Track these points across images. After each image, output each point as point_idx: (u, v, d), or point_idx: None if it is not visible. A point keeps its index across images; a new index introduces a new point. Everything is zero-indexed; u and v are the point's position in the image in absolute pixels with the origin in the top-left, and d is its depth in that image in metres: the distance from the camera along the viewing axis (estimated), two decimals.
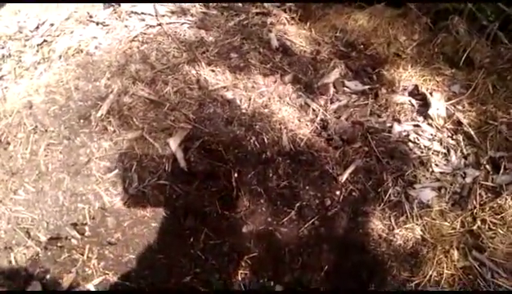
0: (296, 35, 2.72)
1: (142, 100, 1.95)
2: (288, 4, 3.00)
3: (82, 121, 1.90)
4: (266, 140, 1.94)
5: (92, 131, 1.88)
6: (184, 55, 2.33)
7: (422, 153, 2.13)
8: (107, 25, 2.59)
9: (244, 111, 2.04)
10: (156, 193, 1.79)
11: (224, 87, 2.17)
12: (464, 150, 2.14)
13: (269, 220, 1.93)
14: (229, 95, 2.11)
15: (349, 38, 2.74)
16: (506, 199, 1.89)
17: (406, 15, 2.70)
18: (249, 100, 2.11)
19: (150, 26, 2.57)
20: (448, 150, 2.14)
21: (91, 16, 2.65)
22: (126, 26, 2.56)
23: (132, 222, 1.76)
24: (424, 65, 2.44)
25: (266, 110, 2.08)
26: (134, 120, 1.88)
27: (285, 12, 2.94)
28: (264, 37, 2.62)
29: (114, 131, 1.87)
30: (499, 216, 1.86)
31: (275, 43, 2.58)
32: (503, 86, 2.20)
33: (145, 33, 2.49)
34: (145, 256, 1.73)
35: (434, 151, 2.14)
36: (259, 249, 1.91)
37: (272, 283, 1.92)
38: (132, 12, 2.67)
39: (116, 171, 1.81)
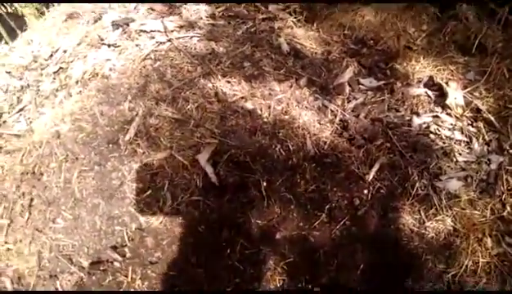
0: (305, 37, 2.74)
1: (168, 120, 1.99)
2: (293, 6, 3.03)
3: (111, 145, 1.94)
4: (290, 146, 1.98)
5: (121, 154, 1.92)
6: (198, 68, 2.36)
7: (444, 143, 2.15)
8: (119, 46, 2.63)
9: (265, 120, 2.07)
10: (190, 210, 1.83)
11: (242, 98, 2.20)
12: (486, 137, 2.16)
13: (301, 224, 1.96)
14: (249, 105, 2.15)
15: (358, 35, 2.76)
16: None
17: (412, 7, 2.71)
18: (269, 108, 2.14)
19: (161, 43, 2.60)
20: (470, 138, 2.16)
21: (102, 39, 2.69)
22: (137, 45, 2.60)
23: (171, 240, 1.80)
24: (437, 55, 2.46)
25: (286, 117, 2.11)
26: (162, 140, 1.92)
27: (291, 15, 2.96)
28: (274, 42, 2.65)
29: (144, 153, 1.91)
30: None
31: (285, 48, 2.61)
32: None
33: (156, 50, 2.52)
34: (187, 271, 1.77)
35: (456, 140, 2.16)
36: (294, 254, 1.95)
37: (310, 286, 1.97)
38: (141, 31, 2.71)
39: (149, 191, 1.85)
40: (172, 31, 2.69)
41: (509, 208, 1.91)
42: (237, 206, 1.88)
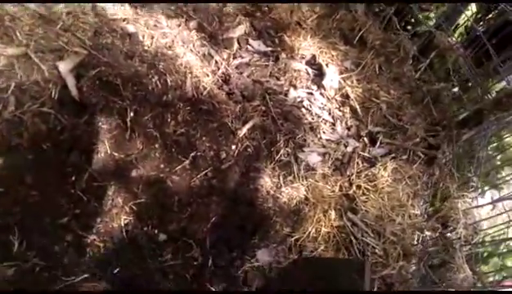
0: None
1: (30, 13, 1.64)
2: None
3: None
4: (169, 81, 1.83)
5: None
6: None
7: (313, 119, 2.25)
8: None
9: (146, 48, 1.88)
10: (37, 122, 1.56)
11: (124, 20, 1.96)
12: (349, 122, 2.32)
13: (161, 166, 1.84)
14: (130, 28, 1.93)
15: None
16: (379, 169, 2.12)
17: None
18: (152, 38, 1.95)
19: None
20: (335, 120, 2.30)
21: None
22: None
23: (5, 151, 1.50)
24: (322, 38, 2.55)
25: (170, 52, 1.95)
26: (18, 34, 1.58)
27: None
28: None
29: None
30: (372, 184, 2.08)
31: None
32: (388, 69, 2.43)
33: None
34: (17, 189, 1.50)
35: (323, 119, 2.28)
36: (147, 195, 1.82)
37: (156, 231, 1.87)
38: None
39: None
40: None
41: (354, 188, 2.08)
42: (95, 130, 1.67)
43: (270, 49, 2.45)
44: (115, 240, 1.76)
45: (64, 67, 1.59)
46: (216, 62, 2.20)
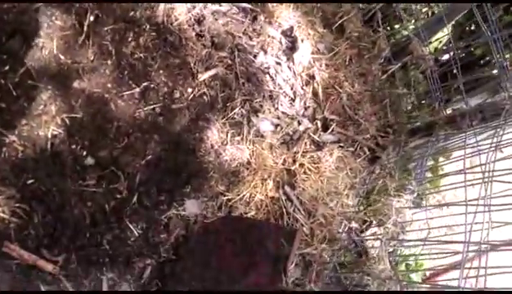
0: None
1: None
2: None
3: None
4: None
5: None
6: None
7: (274, 89, 2.20)
8: None
9: None
10: None
11: None
12: (308, 102, 2.30)
13: (109, 86, 1.70)
14: None
15: None
16: (325, 155, 2.12)
17: None
18: None
19: None
20: (295, 96, 2.27)
21: None
22: None
23: None
24: (304, 14, 2.50)
25: None
26: None
27: None
28: None
29: None
30: (315, 165, 2.07)
31: None
32: (358, 62, 2.42)
33: None
34: None
35: (284, 92, 2.24)
36: (84, 113, 1.68)
37: (85, 153, 1.73)
38: None
39: None
40: None
41: (297, 165, 2.06)
42: (46, 23, 1.49)
43: (250, 7, 2.34)
44: (37, 149, 1.60)
45: None
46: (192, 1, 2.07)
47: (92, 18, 1.56)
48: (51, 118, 1.61)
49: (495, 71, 2.28)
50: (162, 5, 1.75)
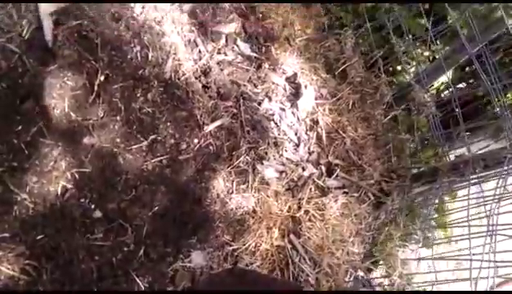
0: None
1: None
2: None
3: None
4: (150, 56, 1.75)
5: None
6: None
7: (279, 135, 2.24)
8: None
9: (135, 15, 1.78)
10: None
11: None
12: (312, 147, 2.33)
13: (117, 140, 1.75)
14: None
15: (254, 5, 2.68)
16: (330, 200, 2.14)
17: (309, 8, 2.78)
18: (143, 7, 1.86)
19: None
20: (300, 142, 2.31)
21: None
22: None
23: None
24: (307, 60, 2.56)
25: (158, 27, 1.86)
26: None
27: None
28: None
29: None
30: (320, 212, 2.09)
31: None
32: (360, 107, 2.47)
33: None
34: None
35: (289, 138, 2.28)
36: (93, 167, 1.72)
37: (93, 206, 1.76)
38: None
39: None
40: None
41: (302, 212, 2.08)
42: (58, 84, 1.55)
43: (255, 55, 2.41)
44: (47, 205, 1.63)
45: (45, 8, 1.46)
46: (200, 51, 2.13)
47: (102, 78, 1.62)
48: (62, 173, 1.65)
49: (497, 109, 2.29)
50: (170, 61, 1.82)
